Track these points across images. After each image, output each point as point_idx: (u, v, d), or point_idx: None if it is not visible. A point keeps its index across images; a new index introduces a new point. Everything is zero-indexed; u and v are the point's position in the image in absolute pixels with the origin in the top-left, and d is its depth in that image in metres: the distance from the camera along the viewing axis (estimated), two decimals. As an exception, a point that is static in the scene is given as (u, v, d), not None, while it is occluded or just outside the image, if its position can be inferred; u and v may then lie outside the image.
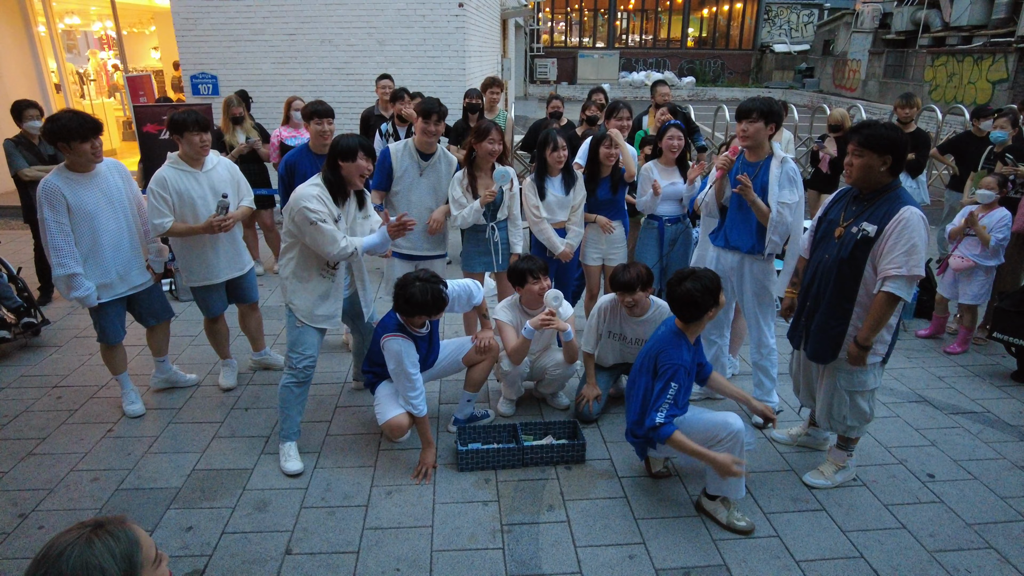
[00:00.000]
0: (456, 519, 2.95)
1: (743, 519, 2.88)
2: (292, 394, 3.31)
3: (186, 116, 3.52)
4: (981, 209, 4.49)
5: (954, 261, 4.57)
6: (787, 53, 30.07)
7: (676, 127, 4.27)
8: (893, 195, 2.76)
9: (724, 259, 3.71)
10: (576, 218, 4.18)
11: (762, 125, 3.36)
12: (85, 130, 3.22)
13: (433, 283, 3.11)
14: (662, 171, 4.30)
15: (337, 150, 3.15)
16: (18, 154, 5.10)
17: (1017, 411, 3.92)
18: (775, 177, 3.39)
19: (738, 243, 3.60)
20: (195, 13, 8.38)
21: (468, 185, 3.94)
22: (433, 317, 3.23)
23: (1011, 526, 2.93)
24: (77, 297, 3.39)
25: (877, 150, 2.71)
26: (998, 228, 4.38)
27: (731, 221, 3.64)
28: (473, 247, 4.13)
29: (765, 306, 3.68)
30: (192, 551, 2.73)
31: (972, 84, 17.77)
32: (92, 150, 3.29)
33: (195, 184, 3.60)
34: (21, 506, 2.99)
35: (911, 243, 2.65)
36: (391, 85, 6.26)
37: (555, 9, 31.92)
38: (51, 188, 3.25)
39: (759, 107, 3.34)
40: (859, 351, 2.86)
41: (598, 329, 3.71)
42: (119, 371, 3.78)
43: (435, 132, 3.85)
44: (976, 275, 4.49)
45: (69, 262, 3.31)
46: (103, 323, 3.60)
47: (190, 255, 3.72)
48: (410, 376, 3.18)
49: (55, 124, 3.20)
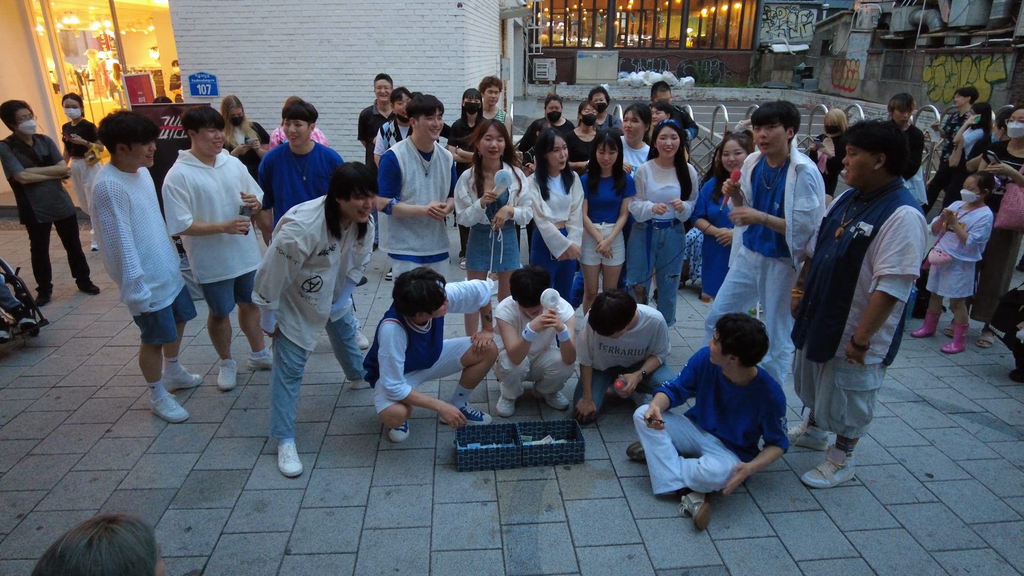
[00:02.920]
0: (455, 519, 2.94)
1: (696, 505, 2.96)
2: (284, 390, 3.32)
3: (202, 113, 3.56)
4: (965, 207, 4.55)
5: (932, 255, 4.65)
6: (786, 53, 30.08)
7: (670, 126, 4.14)
8: (892, 195, 2.74)
9: (750, 258, 3.75)
10: (575, 217, 4.18)
11: (782, 130, 3.33)
12: (147, 132, 3.29)
13: (429, 279, 3.13)
14: (657, 173, 4.23)
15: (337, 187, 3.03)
16: (13, 157, 5.08)
17: (1016, 411, 3.92)
18: (790, 186, 3.34)
19: (760, 248, 3.63)
20: (194, 13, 8.38)
21: (474, 184, 3.95)
22: (433, 313, 3.23)
23: (1010, 525, 2.93)
24: (136, 299, 3.35)
25: (870, 148, 2.71)
26: (977, 227, 4.45)
27: (751, 227, 3.64)
28: (477, 246, 4.15)
29: (784, 309, 3.66)
30: (191, 551, 2.73)
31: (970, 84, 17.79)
32: (149, 152, 3.35)
33: (210, 180, 3.63)
34: (20, 506, 2.99)
35: (905, 242, 2.63)
36: (388, 85, 6.26)
37: (554, 9, 31.91)
38: (118, 189, 3.22)
39: (778, 112, 3.31)
40: (856, 350, 2.85)
41: (589, 343, 3.68)
42: (156, 377, 3.71)
43: (439, 126, 3.85)
44: (954, 269, 4.57)
45: (138, 264, 3.30)
46: (163, 322, 3.55)
47: (206, 252, 3.73)
48: (393, 361, 3.22)
49: (117, 125, 3.23)
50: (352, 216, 3.12)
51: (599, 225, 4.29)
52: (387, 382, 3.24)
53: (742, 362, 2.89)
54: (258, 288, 3.12)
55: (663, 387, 3.28)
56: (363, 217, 3.14)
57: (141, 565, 1.18)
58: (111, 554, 1.15)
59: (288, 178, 4.08)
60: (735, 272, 3.85)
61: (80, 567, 1.13)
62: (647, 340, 3.65)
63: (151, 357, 3.66)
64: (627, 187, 4.20)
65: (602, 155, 4.10)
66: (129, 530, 1.20)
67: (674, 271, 4.44)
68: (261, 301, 3.14)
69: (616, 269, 4.43)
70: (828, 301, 2.93)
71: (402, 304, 3.13)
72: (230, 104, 5.68)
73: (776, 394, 2.98)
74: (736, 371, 2.97)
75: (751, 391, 2.99)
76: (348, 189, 3.00)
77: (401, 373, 3.27)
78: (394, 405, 3.28)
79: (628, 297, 3.42)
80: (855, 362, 2.89)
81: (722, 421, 3.12)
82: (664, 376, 3.66)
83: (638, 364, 3.74)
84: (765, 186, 3.52)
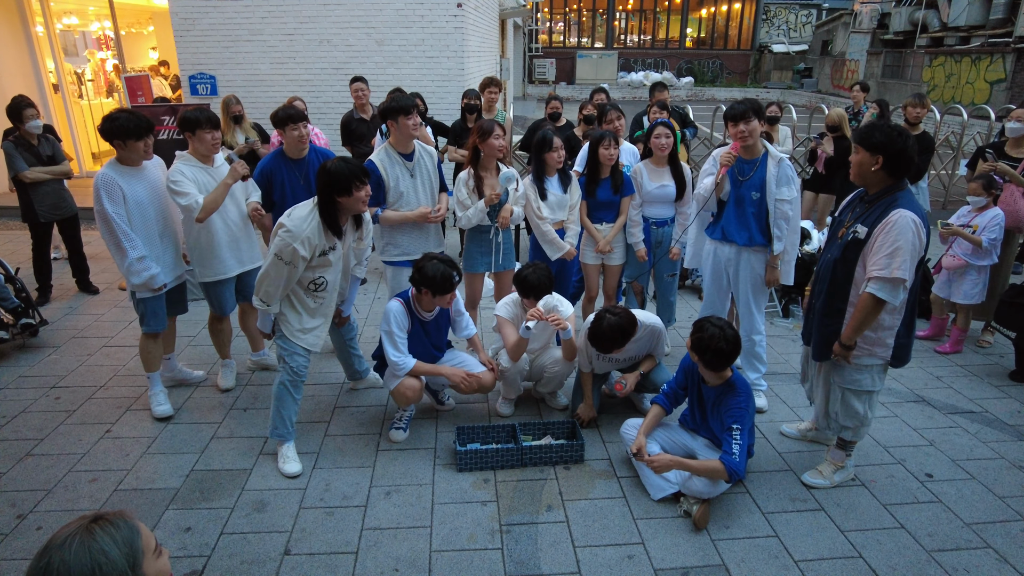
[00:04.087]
0: (455, 519, 2.94)
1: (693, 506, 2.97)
2: (288, 393, 3.31)
3: (198, 114, 3.58)
4: (974, 211, 4.54)
5: (946, 260, 4.62)
6: (785, 53, 30.08)
7: (664, 125, 4.19)
8: (891, 199, 2.74)
9: (721, 252, 3.84)
10: (573, 217, 4.18)
11: (756, 123, 3.56)
12: (140, 129, 3.42)
13: (448, 265, 3.26)
14: (652, 172, 4.25)
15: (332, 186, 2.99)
16: (18, 156, 5.12)
17: (1015, 411, 3.92)
18: (772, 176, 3.59)
19: (735, 237, 3.72)
20: (193, 13, 8.37)
21: (474, 186, 3.93)
22: (438, 299, 3.31)
23: (1009, 525, 2.93)
24: (146, 278, 3.48)
25: (869, 148, 2.73)
26: (990, 228, 4.39)
27: (727, 216, 3.75)
28: (476, 247, 4.14)
29: (759, 296, 3.85)
30: (191, 552, 2.73)
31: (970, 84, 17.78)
32: (145, 148, 3.49)
33: (209, 180, 3.65)
34: (19, 507, 2.99)
35: (895, 245, 2.63)
36: (365, 87, 6.19)
37: (554, 9, 31.90)
38: (108, 180, 3.38)
39: (752, 107, 3.55)
40: (842, 349, 2.88)
41: (588, 352, 3.63)
42: (154, 367, 3.80)
43: (418, 124, 3.79)
44: (968, 274, 4.51)
45: (139, 245, 3.45)
46: (156, 308, 3.65)
47: (204, 251, 3.74)
48: (392, 335, 3.34)
49: (113, 123, 3.38)
50: (355, 209, 3.13)
51: (599, 226, 4.29)
52: (390, 354, 3.34)
53: (703, 363, 2.94)
54: (259, 293, 3.13)
55: (657, 397, 3.31)
56: (365, 207, 3.17)
57: (112, 567, 1.16)
58: (80, 555, 1.14)
59: (289, 184, 3.99)
60: (711, 273, 3.93)
61: (50, 566, 1.13)
62: (647, 346, 3.65)
63: (148, 346, 3.74)
64: (625, 186, 4.20)
65: (606, 150, 4.10)
66: (108, 531, 1.19)
67: (673, 270, 4.44)
68: (262, 305, 3.15)
69: (617, 268, 4.43)
70: (827, 301, 2.96)
71: (416, 275, 3.27)
72: (229, 103, 5.68)
73: (736, 406, 2.91)
74: (703, 370, 3.00)
75: (720, 393, 3.01)
76: (349, 184, 2.99)
77: (403, 348, 3.36)
78: (404, 379, 3.36)
79: (628, 314, 3.36)
80: (842, 360, 2.93)
81: (703, 421, 3.17)
82: (661, 376, 3.66)
83: (635, 365, 3.74)
84: (739, 177, 3.68)
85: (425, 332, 3.52)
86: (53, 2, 10.12)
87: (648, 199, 4.24)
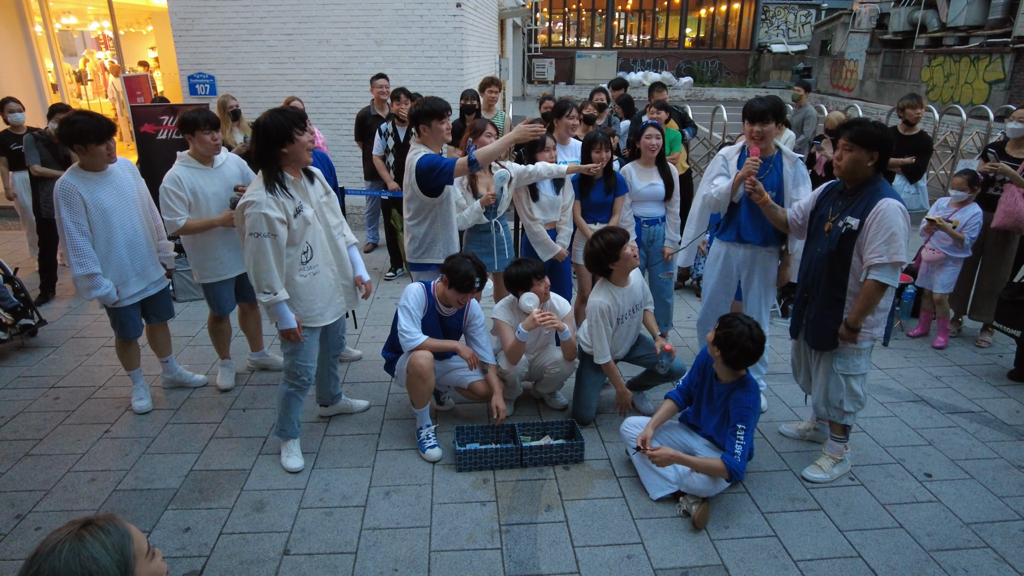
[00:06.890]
0: (454, 519, 2.94)
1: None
2: (296, 400, 3.31)
3: (196, 115, 3.55)
4: (954, 205, 4.66)
5: (926, 253, 4.80)
6: (784, 53, 30.08)
7: (653, 127, 4.24)
8: (873, 189, 2.91)
9: (734, 254, 3.77)
10: (566, 218, 4.19)
11: (774, 125, 3.48)
12: (101, 132, 3.27)
13: (477, 268, 3.29)
14: (640, 172, 4.28)
15: (272, 138, 2.85)
16: (34, 150, 5.36)
17: (1014, 410, 3.93)
18: (789, 176, 3.58)
19: (751, 238, 3.67)
20: (192, 13, 8.37)
21: (468, 185, 3.94)
22: (460, 296, 3.32)
23: (1008, 525, 2.94)
24: (97, 296, 3.40)
25: (866, 146, 2.87)
26: (971, 227, 4.56)
27: (745, 217, 3.66)
28: (476, 248, 4.14)
29: (770, 296, 3.86)
30: (190, 552, 2.73)
31: (969, 84, 17.79)
32: (107, 151, 3.33)
33: (209, 181, 3.63)
34: (18, 507, 2.99)
35: (890, 232, 2.80)
36: (387, 84, 6.26)
37: (553, 9, 31.89)
38: (68, 188, 3.26)
39: (771, 108, 3.43)
40: (849, 332, 3.00)
41: (606, 333, 3.54)
42: (132, 367, 3.82)
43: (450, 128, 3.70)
44: (947, 265, 4.70)
45: (88, 262, 3.32)
46: (122, 319, 3.63)
47: (202, 252, 3.74)
48: (408, 310, 3.35)
49: (71, 127, 3.23)
50: (301, 157, 2.96)
51: (593, 226, 4.28)
52: (402, 325, 3.34)
53: (724, 360, 2.93)
54: (259, 287, 2.96)
55: (671, 393, 3.28)
56: (309, 154, 3.02)
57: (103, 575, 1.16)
58: (70, 563, 1.13)
59: None
60: (719, 275, 3.87)
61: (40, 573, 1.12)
62: (640, 291, 3.69)
63: (122, 348, 3.77)
64: (618, 187, 4.21)
65: (598, 154, 4.09)
66: (98, 537, 1.17)
67: (667, 270, 4.43)
68: (269, 297, 2.94)
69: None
70: (825, 293, 3.06)
71: (446, 265, 3.33)
72: (226, 101, 5.68)
73: (744, 405, 2.92)
74: (720, 366, 3.00)
75: (731, 390, 3.01)
76: (289, 131, 2.85)
77: (416, 324, 3.36)
78: (415, 355, 3.30)
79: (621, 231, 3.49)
80: (848, 343, 3.03)
81: (705, 415, 3.15)
82: (678, 365, 3.66)
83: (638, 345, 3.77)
84: None
85: (442, 326, 3.51)
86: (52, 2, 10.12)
87: (638, 198, 4.26)
